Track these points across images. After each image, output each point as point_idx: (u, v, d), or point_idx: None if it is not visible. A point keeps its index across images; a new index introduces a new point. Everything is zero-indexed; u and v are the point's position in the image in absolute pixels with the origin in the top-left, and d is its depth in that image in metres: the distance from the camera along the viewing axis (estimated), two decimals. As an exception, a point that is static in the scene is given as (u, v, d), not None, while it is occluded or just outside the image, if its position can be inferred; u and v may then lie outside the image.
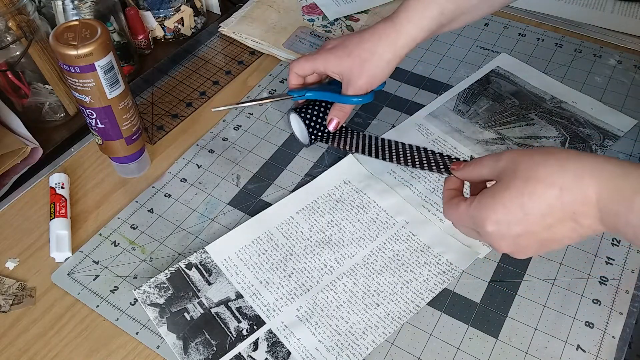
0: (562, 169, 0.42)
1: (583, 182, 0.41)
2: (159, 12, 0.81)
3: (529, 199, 0.42)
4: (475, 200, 0.45)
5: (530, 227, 0.43)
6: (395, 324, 0.53)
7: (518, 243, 0.44)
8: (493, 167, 0.46)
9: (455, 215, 0.48)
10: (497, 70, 0.76)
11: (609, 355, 0.50)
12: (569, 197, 0.41)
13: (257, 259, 0.58)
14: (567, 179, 0.41)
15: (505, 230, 0.44)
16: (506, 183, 0.44)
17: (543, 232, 0.43)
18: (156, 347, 0.52)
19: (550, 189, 0.42)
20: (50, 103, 0.72)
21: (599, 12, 0.84)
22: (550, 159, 0.42)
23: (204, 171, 0.66)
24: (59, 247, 0.58)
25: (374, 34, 0.60)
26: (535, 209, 0.42)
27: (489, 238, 0.45)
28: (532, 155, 0.43)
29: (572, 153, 0.43)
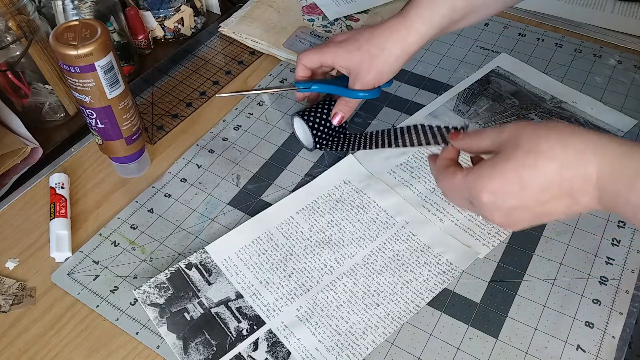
0: (565, 144, 0.41)
1: (584, 159, 0.40)
2: (159, 12, 0.81)
3: (528, 173, 0.42)
4: (473, 169, 0.45)
5: (526, 201, 0.43)
6: (395, 324, 0.53)
7: (511, 215, 0.44)
8: (495, 139, 0.45)
9: (450, 184, 0.47)
10: (497, 70, 0.76)
11: (609, 355, 0.50)
12: (568, 173, 0.41)
13: (257, 259, 0.58)
14: (568, 155, 0.41)
15: (501, 201, 0.43)
16: (507, 154, 0.43)
17: (538, 207, 0.43)
18: (156, 347, 0.52)
19: (551, 163, 0.41)
20: (50, 103, 0.72)
21: (599, 12, 0.84)
22: (554, 133, 0.42)
23: (204, 171, 0.66)
24: (59, 247, 0.58)
25: (384, 30, 0.60)
26: (534, 183, 0.42)
27: (483, 209, 0.45)
28: (536, 129, 0.43)
29: (576, 129, 0.42)
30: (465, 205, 0.47)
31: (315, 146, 0.66)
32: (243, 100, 0.74)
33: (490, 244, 0.58)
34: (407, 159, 0.66)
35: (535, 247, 0.58)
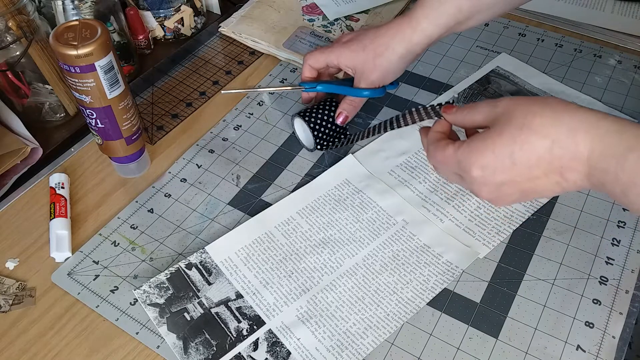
0: (557, 121, 0.41)
1: (577, 136, 0.40)
2: (159, 12, 0.81)
3: (520, 148, 0.42)
4: (464, 143, 0.45)
5: (515, 176, 0.43)
6: (395, 324, 0.53)
7: (500, 190, 0.44)
8: (488, 114, 0.45)
9: (441, 157, 0.47)
10: (497, 70, 0.76)
11: (609, 355, 0.50)
12: (559, 151, 0.41)
13: (257, 259, 0.58)
14: (560, 132, 0.41)
15: (491, 176, 0.43)
16: (499, 129, 0.43)
17: (527, 183, 0.43)
18: (156, 347, 0.52)
19: (543, 140, 0.41)
20: (50, 103, 0.72)
21: (599, 12, 0.84)
22: (547, 109, 0.42)
23: (204, 171, 0.66)
24: (59, 247, 0.58)
25: (389, 29, 0.60)
26: (524, 159, 0.42)
27: (472, 183, 0.45)
28: (530, 104, 0.43)
29: (570, 106, 0.42)
30: (455, 179, 0.47)
31: (316, 147, 0.66)
32: (243, 100, 0.74)
33: (490, 244, 0.58)
34: (407, 159, 0.66)
35: (535, 247, 0.58)
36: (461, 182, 0.47)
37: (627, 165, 0.39)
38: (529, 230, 0.59)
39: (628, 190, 0.39)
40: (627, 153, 0.39)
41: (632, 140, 0.39)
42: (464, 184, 0.47)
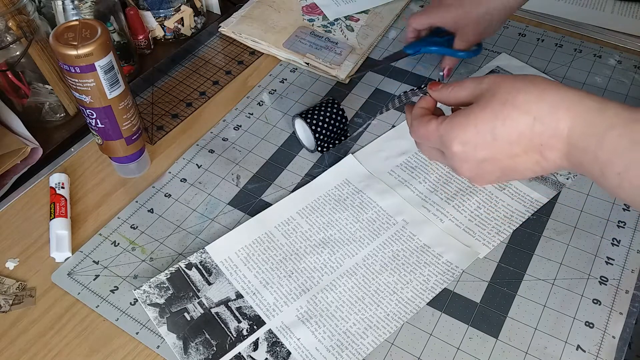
0: (540, 99, 0.41)
1: (558, 114, 0.40)
2: (159, 12, 0.81)
3: (502, 124, 0.42)
4: (447, 118, 0.45)
5: (495, 153, 0.42)
6: (395, 324, 0.53)
7: (480, 168, 0.44)
8: (473, 90, 0.45)
9: (423, 133, 0.47)
10: (497, 70, 0.76)
11: (609, 355, 0.50)
12: (540, 128, 0.41)
13: (257, 259, 0.58)
14: (542, 109, 0.41)
15: (472, 152, 0.43)
16: (483, 105, 0.43)
17: (507, 160, 0.43)
18: (156, 347, 0.52)
19: (524, 116, 0.41)
20: (50, 103, 0.72)
21: (599, 12, 0.84)
22: (531, 86, 0.42)
23: (204, 171, 0.66)
24: (59, 247, 0.58)
25: None
26: (505, 135, 0.42)
27: (453, 159, 0.44)
28: (515, 81, 0.43)
29: (554, 84, 0.42)
30: (436, 156, 0.47)
31: (317, 148, 0.66)
32: (243, 100, 0.74)
33: (490, 244, 0.58)
34: (407, 159, 0.66)
35: (535, 247, 0.58)
36: (442, 159, 0.47)
37: (606, 143, 0.38)
38: (529, 230, 0.59)
39: (606, 169, 0.39)
40: (607, 131, 0.38)
41: (613, 119, 0.38)
42: (444, 161, 0.47)
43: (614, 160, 0.38)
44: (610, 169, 0.39)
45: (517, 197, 0.61)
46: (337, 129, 0.66)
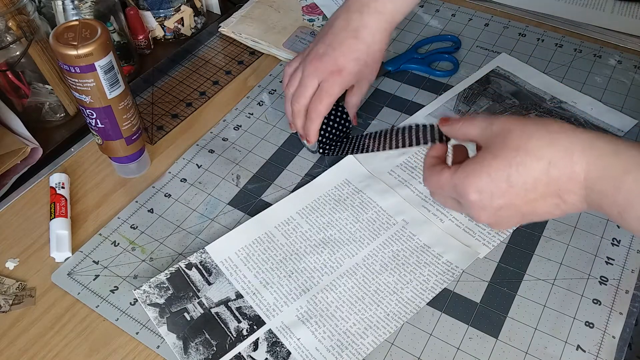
0: (553, 143, 0.41)
1: (572, 158, 0.40)
2: (159, 12, 0.81)
3: (516, 171, 0.41)
4: (460, 167, 0.44)
5: (513, 199, 0.42)
6: (395, 324, 0.53)
7: (499, 215, 0.43)
8: (484, 130, 0.45)
9: (437, 182, 0.47)
10: (497, 70, 0.76)
11: (609, 355, 0.50)
12: (556, 172, 0.40)
13: (257, 259, 0.58)
14: (556, 154, 0.40)
15: (488, 200, 0.43)
16: (495, 151, 0.43)
17: (525, 206, 0.42)
18: (156, 347, 0.52)
19: (539, 162, 0.41)
20: (50, 103, 0.72)
21: (599, 12, 0.84)
22: (543, 130, 0.42)
23: (204, 171, 0.66)
24: (59, 247, 0.58)
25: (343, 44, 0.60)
26: (521, 182, 0.41)
27: (470, 208, 0.44)
28: (525, 125, 0.42)
29: (565, 127, 0.42)
30: (452, 205, 0.47)
31: (319, 150, 0.66)
32: (243, 100, 0.74)
33: (490, 244, 0.58)
34: (407, 159, 0.66)
35: (535, 247, 0.58)
36: (459, 208, 0.47)
37: (623, 188, 0.38)
38: (529, 230, 0.59)
39: (625, 213, 0.39)
40: (624, 175, 0.38)
41: (629, 162, 0.39)
42: (462, 210, 0.46)
43: (633, 204, 0.38)
44: (629, 213, 0.39)
45: (517, 197, 0.61)
46: (340, 132, 0.66)
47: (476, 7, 0.86)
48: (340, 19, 0.60)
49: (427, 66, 0.76)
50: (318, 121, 0.61)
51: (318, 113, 0.60)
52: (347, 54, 0.59)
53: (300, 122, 0.63)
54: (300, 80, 0.61)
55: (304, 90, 0.60)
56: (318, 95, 0.60)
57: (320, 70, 0.59)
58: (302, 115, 0.62)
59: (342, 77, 0.59)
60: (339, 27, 0.59)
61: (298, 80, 0.61)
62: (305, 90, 0.60)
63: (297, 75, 0.61)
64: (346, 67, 0.59)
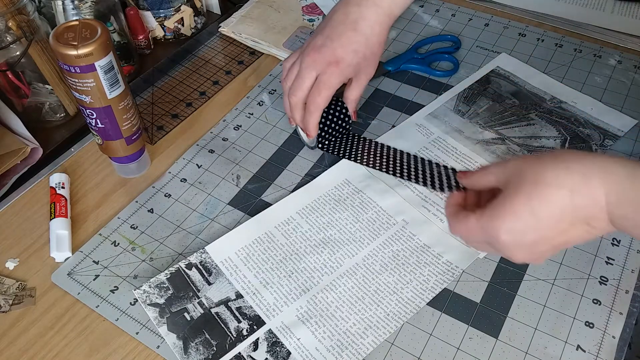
0: (569, 171, 0.41)
1: (591, 184, 0.40)
2: (159, 12, 0.81)
3: (539, 203, 0.41)
4: (484, 211, 0.44)
5: (544, 232, 0.42)
6: (395, 324, 0.53)
7: (534, 251, 0.43)
8: (500, 174, 0.45)
9: (465, 230, 0.46)
10: (497, 70, 0.76)
11: (609, 355, 0.50)
12: (580, 200, 0.41)
13: (257, 259, 0.58)
14: (575, 181, 0.41)
15: (520, 238, 0.42)
16: (514, 189, 0.43)
17: (558, 237, 0.42)
18: (156, 347, 0.52)
19: (560, 191, 0.41)
20: (50, 103, 0.72)
21: (599, 12, 0.84)
22: (556, 161, 0.42)
23: (204, 171, 0.66)
24: (59, 247, 0.58)
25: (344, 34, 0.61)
26: (548, 213, 0.41)
27: (504, 249, 0.44)
28: (538, 159, 0.43)
29: (577, 154, 0.42)
30: (487, 248, 0.47)
31: (318, 145, 0.66)
32: (243, 100, 0.74)
33: (490, 244, 0.58)
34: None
35: (535, 247, 0.58)
36: (492, 250, 0.46)
37: None
38: (529, 230, 0.59)
39: None
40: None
41: None
42: (496, 252, 0.46)
43: None
44: None
45: (517, 197, 0.61)
46: (339, 127, 0.66)
47: (476, 7, 0.86)
48: (339, 12, 0.60)
49: (427, 66, 0.76)
50: (317, 114, 0.61)
51: (317, 105, 0.60)
52: (345, 46, 0.59)
53: (298, 116, 0.62)
54: (298, 72, 0.60)
55: (302, 82, 0.60)
56: (316, 88, 0.60)
57: (319, 62, 0.59)
58: (300, 107, 0.62)
59: (340, 69, 0.59)
60: (338, 20, 0.59)
61: (296, 73, 0.61)
62: (303, 83, 0.60)
63: (294, 68, 0.61)
64: (344, 58, 0.59)
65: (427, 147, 0.67)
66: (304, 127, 0.63)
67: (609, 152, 0.65)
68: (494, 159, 0.65)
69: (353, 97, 0.64)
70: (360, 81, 0.63)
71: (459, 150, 0.66)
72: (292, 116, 0.63)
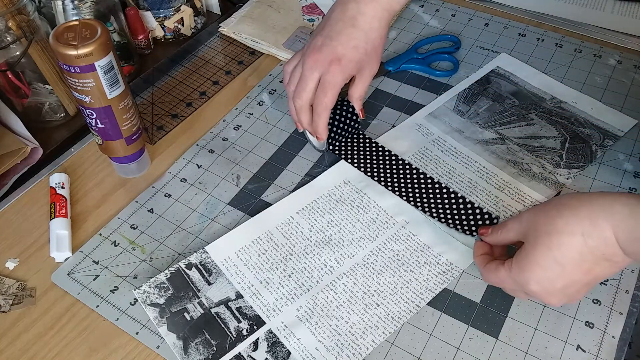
0: (577, 216, 0.44)
1: (600, 226, 0.43)
2: (159, 12, 0.81)
3: (559, 251, 0.44)
4: (512, 264, 0.48)
5: (572, 276, 0.45)
6: (395, 324, 0.53)
7: (566, 293, 0.46)
8: (517, 230, 0.49)
9: (499, 281, 0.50)
10: (497, 70, 0.76)
11: (609, 355, 0.50)
12: (592, 242, 0.43)
13: (257, 259, 0.58)
14: (584, 225, 0.44)
15: (550, 286, 0.46)
16: (532, 242, 0.46)
17: (586, 276, 0.45)
18: (156, 347, 0.52)
19: (573, 237, 0.44)
20: (50, 103, 0.72)
21: (599, 12, 0.84)
22: (563, 209, 0.45)
23: (204, 171, 0.66)
24: (59, 247, 0.58)
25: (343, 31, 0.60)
26: (569, 260, 0.44)
27: (537, 297, 0.47)
28: (548, 211, 0.46)
29: (582, 198, 0.45)
30: (521, 295, 0.50)
31: (328, 148, 0.65)
32: (243, 100, 0.74)
33: (490, 244, 0.58)
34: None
35: (535, 247, 0.58)
36: (527, 296, 0.50)
37: None
38: (529, 230, 0.59)
39: None
40: None
41: None
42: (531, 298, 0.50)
43: None
44: None
45: (517, 197, 0.61)
46: (349, 127, 0.65)
47: (476, 7, 0.86)
48: (337, 10, 0.60)
49: (427, 66, 0.76)
50: (325, 115, 0.60)
51: (324, 106, 0.60)
52: (345, 43, 0.58)
53: (305, 119, 0.62)
54: (301, 75, 0.60)
55: (305, 84, 0.60)
56: (321, 88, 0.59)
57: (320, 62, 0.59)
58: (306, 110, 0.61)
59: (342, 66, 0.58)
60: (336, 18, 0.59)
61: (298, 76, 0.61)
62: (307, 85, 0.60)
63: (297, 71, 0.61)
64: (345, 55, 0.58)
65: (427, 147, 0.67)
66: (313, 130, 0.62)
67: (608, 152, 0.65)
68: (494, 159, 0.65)
69: (358, 95, 0.63)
70: (364, 78, 0.62)
71: (459, 150, 0.66)
72: (299, 120, 0.63)
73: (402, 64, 0.76)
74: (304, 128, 0.64)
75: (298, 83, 0.60)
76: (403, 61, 0.76)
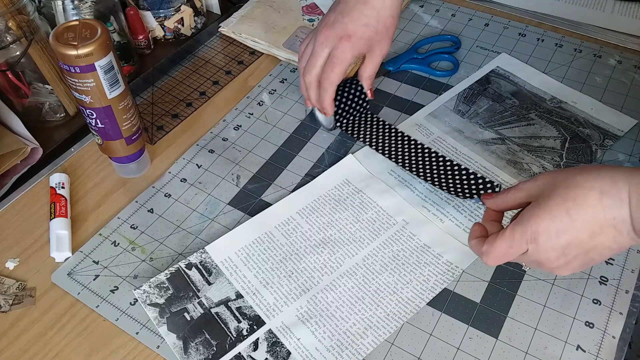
0: (598, 174, 0.43)
1: (618, 185, 0.42)
2: (159, 12, 0.81)
3: (574, 204, 0.43)
4: (516, 221, 0.45)
5: (577, 234, 0.43)
6: (395, 324, 0.53)
7: (565, 254, 0.44)
8: (530, 190, 0.47)
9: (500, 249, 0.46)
10: (497, 70, 0.76)
11: (609, 355, 0.50)
12: (608, 200, 0.42)
13: (257, 259, 0.58)
14: (604, 183, 0.43)
15: (555, 239, 0.44)
16: (548, 195, 0.44)
17: (589, 241, 0.44)
18: (156, 347, 0.52)
19: (591, 192, 0.43)
20: (50, 103, 0.72)
21: (599, 12, 0.84)
22: (584, 169, 0.44)
23: (204, 171, 0.66)
24: (59, 247, 0.58)
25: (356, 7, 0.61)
26: (581, 214, 0.43)
27: (538, 252, 0.45)
28: (568, 170, 0.45)
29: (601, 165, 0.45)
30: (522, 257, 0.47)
31: (336, 125, 0.65)
32: (243, 100, 0.74)
33: (490, 244, 0.58)
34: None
35: (535, 247, 0.58)
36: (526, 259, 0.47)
37: None
38: (529, 230, 0.59)
39: None
40: None
41: None
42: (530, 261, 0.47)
43: None
44: None
45: (517, 197, 0.61)
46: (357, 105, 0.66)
47: (476, 7, 0.86)
48: None
49: (427, 66, 0.76)
50: (331, 90, 0.61)
51: (330, 82, 0.60)
52: (356, 20, 0.59)
53: (314, 95, 0.62)
54: (312, 51, 0.61)
55: (315, 60, 0.60)
56: (329, 63, 0.60)
57: (331, 38, 0.59)
58: (314, 86, 0.62)
59: (352, 43, 0.59)
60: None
61: (310, 53, 0.61)
62: (317, 60, 0.60)
63: (309, 48, 0.62)
64: (356, 32, 0.59)
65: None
66: (321, 106, 0.63)
67: (608, 152, 0.65)
68: (494, 159, 0.65)
69: (367, 74, 0.63)
70: (374, 57, 0.62)
71: (459, 150, 0.66)
72: (308, 96, 0.63)
73: (402, 64, 0.76)
74: (312, 105, 0.64)
75: (309, 59, 0.61)
76: (403, 61, 0.76)
